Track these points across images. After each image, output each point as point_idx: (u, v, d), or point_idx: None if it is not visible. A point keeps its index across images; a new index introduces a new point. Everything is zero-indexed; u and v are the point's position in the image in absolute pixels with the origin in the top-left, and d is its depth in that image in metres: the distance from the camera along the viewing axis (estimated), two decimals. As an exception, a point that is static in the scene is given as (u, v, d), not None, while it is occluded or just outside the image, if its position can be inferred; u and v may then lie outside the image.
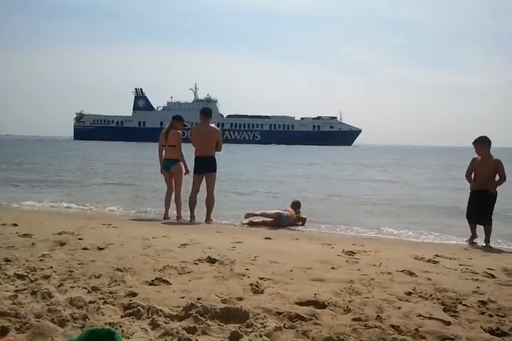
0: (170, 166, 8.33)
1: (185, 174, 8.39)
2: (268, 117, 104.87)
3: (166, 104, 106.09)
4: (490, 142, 6.92)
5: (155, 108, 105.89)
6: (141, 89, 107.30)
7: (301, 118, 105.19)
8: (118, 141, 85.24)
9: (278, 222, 8.22)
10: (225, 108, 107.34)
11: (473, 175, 7.02)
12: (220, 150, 8.29)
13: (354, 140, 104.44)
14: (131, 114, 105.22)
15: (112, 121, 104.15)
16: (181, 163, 8.34)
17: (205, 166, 8.14)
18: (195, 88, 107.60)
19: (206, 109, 8.65)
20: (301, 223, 8.40)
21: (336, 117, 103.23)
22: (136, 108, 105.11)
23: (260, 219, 8.36)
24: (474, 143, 6.93)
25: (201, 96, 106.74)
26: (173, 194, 8.43)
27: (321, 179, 19.99)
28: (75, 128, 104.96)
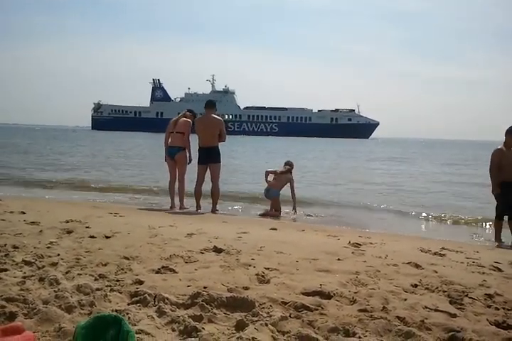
0: (174, 153, 8.30)
1: (188, 163, 8.38)
2: (285, 109, 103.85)
3: (183, 95, 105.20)
4: None
5: (172, 99, 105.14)
6: (158, 80, 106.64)
7: (319, 111, 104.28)
8: (136, 131, 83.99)
9: (267, 196, 8.71)
10: (241, 100, 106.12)
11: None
12: (224, 141, 8.28)
13: (372, 133, 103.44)
14: (148, 105, 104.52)
15: (130, 112, 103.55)
16: (186, 151, 8.32)
17: (209, 157, 8.14)
18: (213, 79, 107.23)
19: (209, 100, 8.67)
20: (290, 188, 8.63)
21: (354, 110, 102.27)
22: (153, 99, 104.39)
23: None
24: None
25: (218, 87, 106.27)
26: (177, 183, 8.42)
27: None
28: (92, 119, 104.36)
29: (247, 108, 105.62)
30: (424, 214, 9.30)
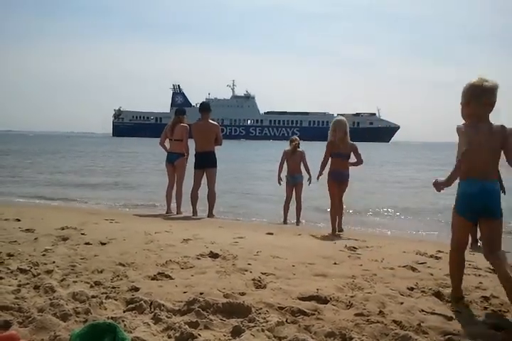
0: (174, 159, 8.38)
1: (186, 157, 8.38)
2: (307, 114, 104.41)
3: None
4: None
5: (193, 104, 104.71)
6: (178, 86, 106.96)
7: (339, 115, 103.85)
8: (157, 137, 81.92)
9: (293, 183, 8.23)
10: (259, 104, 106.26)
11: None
12: (220, 145, 8.31)
13: (392, 136, 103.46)
14: (168, 111, 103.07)
15: (152, 118, 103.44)
16: (185, 158, 8.38)
17: (205, 161, 8.16)
18: (233, 84, 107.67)
19: (203, 103, 8.65)
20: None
21: (375, 113, 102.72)
22: (174, 104, 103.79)
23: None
24: None
25: (239, 92, 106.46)
26: (175, 188, 8.46)
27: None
28: (113, 125, 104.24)
29: (268, 113, 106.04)
30: (419, 217, 9.32)
